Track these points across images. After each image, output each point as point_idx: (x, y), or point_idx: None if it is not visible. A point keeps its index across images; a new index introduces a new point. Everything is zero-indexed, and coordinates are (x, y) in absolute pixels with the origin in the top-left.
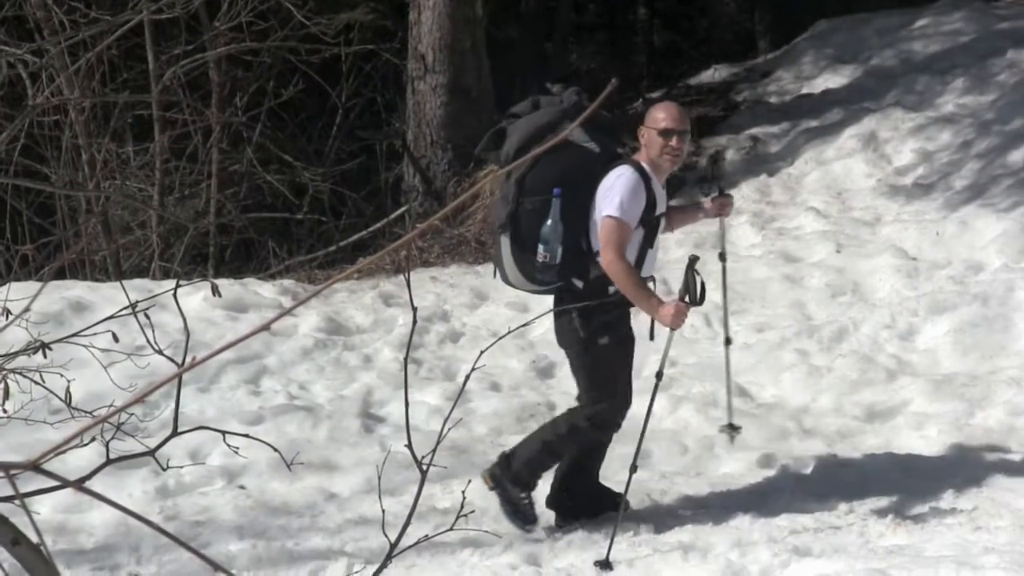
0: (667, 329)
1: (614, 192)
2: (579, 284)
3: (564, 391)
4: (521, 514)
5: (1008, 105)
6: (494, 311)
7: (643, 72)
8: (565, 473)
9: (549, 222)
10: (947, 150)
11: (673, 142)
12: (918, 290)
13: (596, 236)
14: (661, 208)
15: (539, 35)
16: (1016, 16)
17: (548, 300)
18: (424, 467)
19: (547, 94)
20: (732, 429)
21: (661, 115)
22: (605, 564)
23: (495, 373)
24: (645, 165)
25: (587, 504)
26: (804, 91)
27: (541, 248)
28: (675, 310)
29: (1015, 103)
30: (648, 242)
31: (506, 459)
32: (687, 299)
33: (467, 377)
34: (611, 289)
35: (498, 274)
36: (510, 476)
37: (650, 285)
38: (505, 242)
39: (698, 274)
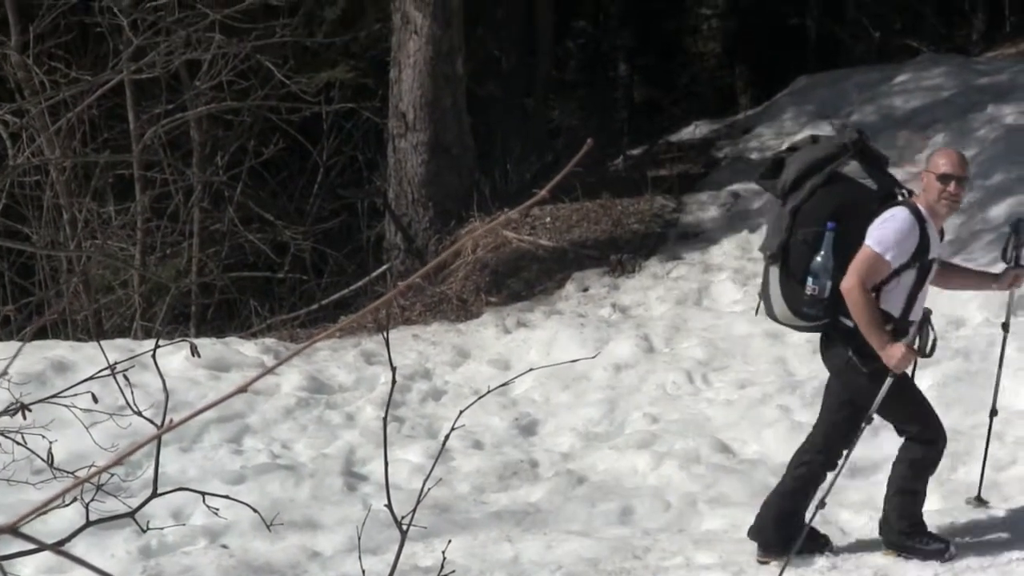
0: None
1: (883, 229)
2: (848, 323)
3: (547, 448)
4: (933, 552)
5: (989, 160)
6: (476, 369)
7: (624, 128)
8: (782, 508)
9: (820, 256)
10: None
11: (951, 188)
12: None
13: None
14: (935, 252)
15: (520, 92)
16: (996, 71)
17: (530, 359)
18: (404, 527)
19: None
20: (980, 502)
21: (942, 160)
22: None
23: (477, 431)
24: (922, 208)
25: (790, 539)
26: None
27: (810, 281)
28: (902, 353)
29: (996, 158)
30: (919, 285)
31: (886, 524)
32: (916, 347)
33: (447, 436)
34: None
35: (762, 307)
36: (896, 537)
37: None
38: (774, 273)
39: (932, 328)
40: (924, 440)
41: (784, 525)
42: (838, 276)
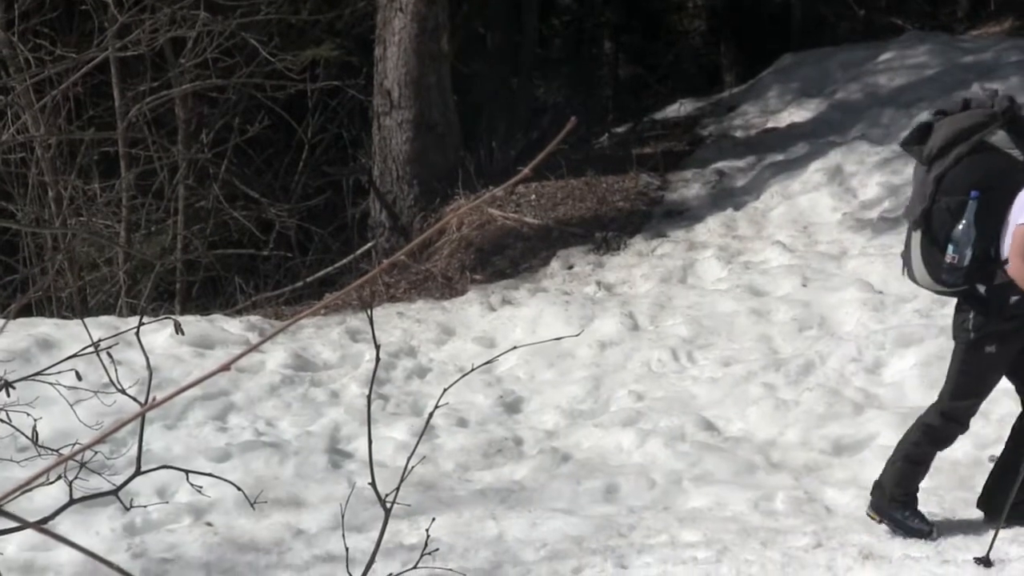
0: None
1: None
2: (982, 289)
3: (531, 426)
4: (915, 531)
5: None
6: (461, 346)
7: (608, 106)
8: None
9: (962, 224)
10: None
11: None
12: (884, 323)
13: (1007, 243)
14: None
15: (505, 70)
16: (980, 49)
17: (515, 336)
18: (389, 504)
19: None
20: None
21: None
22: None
23: (462, 409)
24: None
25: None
26: (769, 125)
27: (951, 249)
28: None
29: None
30: None
31: (879, 488)
32: None
33: (431, 413)
34: (1012, 299)
35: (905, 271)
36: (887, 503)
37: None
38: (916, 238)
39: None
40: (948, 415)
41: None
42: (979, 245)
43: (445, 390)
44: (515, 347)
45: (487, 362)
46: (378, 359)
